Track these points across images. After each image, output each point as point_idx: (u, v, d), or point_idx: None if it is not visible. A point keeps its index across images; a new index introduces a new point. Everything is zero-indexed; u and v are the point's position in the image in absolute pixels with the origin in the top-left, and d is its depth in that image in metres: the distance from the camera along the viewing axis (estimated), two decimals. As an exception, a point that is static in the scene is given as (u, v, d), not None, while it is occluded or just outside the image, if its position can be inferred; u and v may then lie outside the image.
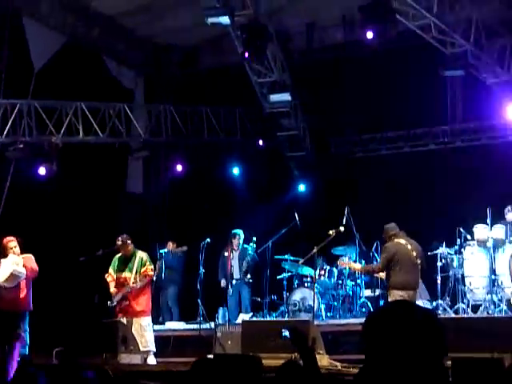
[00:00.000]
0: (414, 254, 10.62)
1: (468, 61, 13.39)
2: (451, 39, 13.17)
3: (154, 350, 11.77)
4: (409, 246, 10.64)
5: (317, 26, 15.98)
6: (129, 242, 12.00)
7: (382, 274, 11.15)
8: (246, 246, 14.25)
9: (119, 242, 11.96)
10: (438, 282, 12.41)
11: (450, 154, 15.48)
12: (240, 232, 14.36)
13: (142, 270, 11.86)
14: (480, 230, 12.32)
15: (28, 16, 14.94)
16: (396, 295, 10.34)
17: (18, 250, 11.34)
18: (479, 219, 12.37)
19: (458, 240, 12.39)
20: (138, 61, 17.31)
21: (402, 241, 10.68)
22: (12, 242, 11.29)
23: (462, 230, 12.37)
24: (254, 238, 14.10)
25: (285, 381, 4.24)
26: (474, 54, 13.31)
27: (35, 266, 11.34)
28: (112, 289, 11.87)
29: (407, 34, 13.57)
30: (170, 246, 15.07)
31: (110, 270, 12.03)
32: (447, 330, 2.56)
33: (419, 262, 10.62)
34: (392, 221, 11.00)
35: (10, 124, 14.36)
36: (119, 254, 12.07)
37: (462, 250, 12.36)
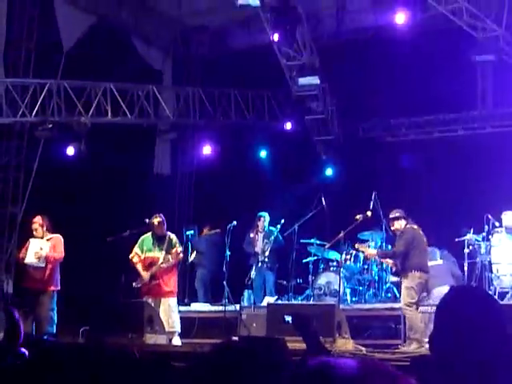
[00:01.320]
0: (425, 239, 10.97)
1: (499, 46, 13.25)
2: (483, 24, 13.03)
3: (179, 330, 11.83)
4: (421, 231, 10.92)
5: (347, 8, 15.88)
6: (164, 221, 12.08)
7: (390, 261, 11.33)
8: (271, 228, 14.23)
9: (157, 219, 11.95)
10: (465, 268, 12.36)
11: (480, 140, 15.33)
12: (265, 214, 14.34)
13: (173, 250, 11.92)
14: (508, 217, 12.22)
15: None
16: (415, 277, 10.64)
17: (40, 231, 11.52)
18: (508, 206, 12.27)
19: (486, 227, 12.31)
20: (166, 42, 17.31)
21: (415, 226, 10.94)
22: (34, 224, 11.52)
23: (490, 216, 12.28)
24: (282, 221, 14.05)
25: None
26: (505, 39, 13.16)
27: (60, 250, 11.50)
28: (141, 270, 11.90)
29: (438, 17, 13.44)
30: (204, 231, 15.11)
31: (137, 250, 12.02)
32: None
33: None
34: (420, 207, 11.00)
35: (39, 104, 14.42)
36: (148, 235, 12.08)
37: (490, 236, 12.26)
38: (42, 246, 11.42)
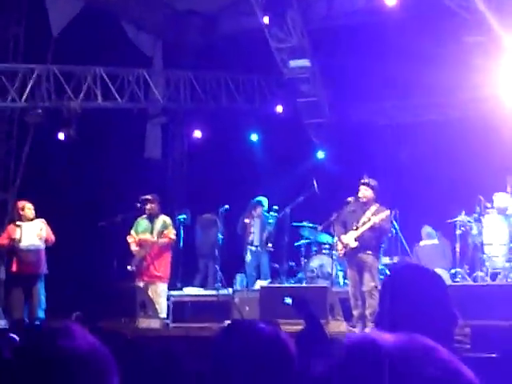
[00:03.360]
0: None
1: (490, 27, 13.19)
2: (473, 5, 12.98)
3: (165, 316, 11.89)
4: None
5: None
6: (159, 201, 12.13)
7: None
8: (266, 214, 14.24)
9: (149, 198, 12.03)
10: (457, 249, 12.38)
11: (471, 122, 15.32)
12: (264, 200, 14.34)
13: (165, 232, 11.96)
14: (500, 198, 12.23)
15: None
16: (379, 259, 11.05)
17: (33, 212, 11.54)
18: (499, 187, 12.28)
19: (478, 208, 12.32)
20: (156, 26, 17.22)
21: None
22: (28, 204, 11.51)
23: (481, 197, 12.29)
24: (276, 207, 14.08)
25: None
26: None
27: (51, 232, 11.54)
28: (134, 248, 11.97)
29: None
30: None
31: (132, 231, 12.16)
32: (466, 298, 2.59)
33: None
34: (412, 189, 10.97)
35: (28, 89, 14.35)
36: (142, 217, 12.16)
37: (482, 217, 12.28)
38: (41, 227, 11.43)
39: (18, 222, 11.55)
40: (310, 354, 3.72)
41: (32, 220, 11.56)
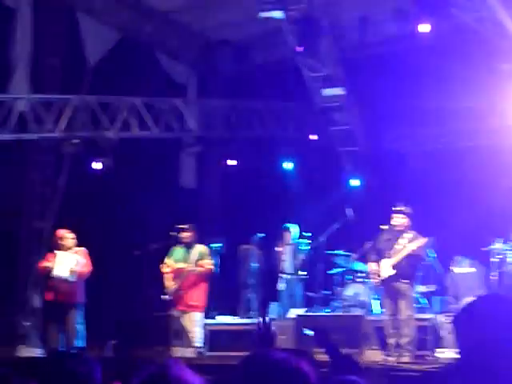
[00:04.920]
0: None
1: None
2: (506, 32, 12.94)
3: (202, 345, 11.89)
4: None
5: (370, 19, 15.85)
6: (195, 230, 12.17)
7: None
8: (299, 240, 14.21)
9: (185, 227, 12.09)
10: (494, 278, 12.25)
11: (503, 149, 15.21)
12: (293, 226, 14.33)
13: (201, 262, 11.98)
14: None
15: (82, 11, 15.14)
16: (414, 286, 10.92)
17: (75, 242, 11.59)
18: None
19: (514, 236, 12.21)
20: (190, 56, 17.39)
21: None
22: (68, 234, 11.57)
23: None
24: (308, 234, 14.07)
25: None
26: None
27: (89, 263, 11.56)
28: (168, 282, 11.98)
29: (462, 26, 13.37)
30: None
31: (167, 260, 12.17)
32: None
33: None
34: (447, 216, 10.90)
35: (65, 119, 14.52)
36: (178, 246, 12.20)
37: (517, 245, 12.17)
38: (77, 260, 11.44)
39: (56, 251, 11.62)
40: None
41: (72, 248, 11.60)
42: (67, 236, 11.64)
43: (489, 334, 2.36)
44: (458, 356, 2.50)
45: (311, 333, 4.80)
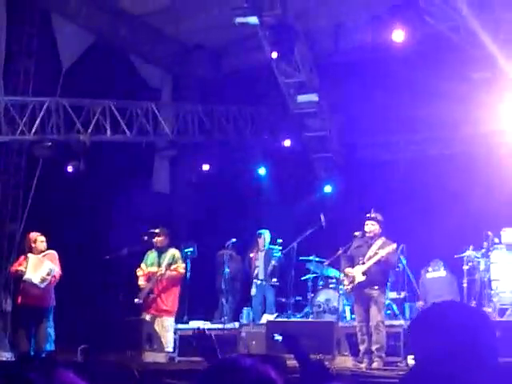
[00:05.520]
0: None
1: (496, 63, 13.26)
2: (480, 41, 13.05)
3: (172, 350, 11.86)
4: None
5: (344, 26, 15.93)
6: (167, 234, 12.14)
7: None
8: (272, 247, 14.23)
9: (157, 231, 12.06)
10: (465, 285, 12.34)
11: (478, 157, 15.33)
12: (265, 232, 14.34)
13: (173, 266, 11.96)
14: (508, 234, 12.21)
15: (56, 13, 15.07)
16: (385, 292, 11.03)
17: (45, 245, 11.51)
18: (508, 222, 12.26)
19: (485, 243, 12.29)
20: (165, 60, 17.36)
21: None
22: (40, 237, 11.50)
23: (489, 233, 12.27)
24: (280, 240, 14.10)
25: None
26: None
27: (58, 267, 11.49)
28: (141, 282, 11.97)
29: (436, 35, 13.47)
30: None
31: (142, 265, 12.16)
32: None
33: None
34: (419, 224, 10.94)
35: (38, 122, 14.44)
36: (152, 250, 12.17)
37: (490, 253, 12.25)
38: (50, 269, 11.31)
39: (28, 254, 11.53)
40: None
41: (43, 252, 11.53)
42: (39, 239, 11.57)
43: (441, 341, 2.37)
44: (414, 363, 2.51)
45: (280, 338, 4.80)
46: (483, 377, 2.34)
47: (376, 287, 10.47)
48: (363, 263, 10.56)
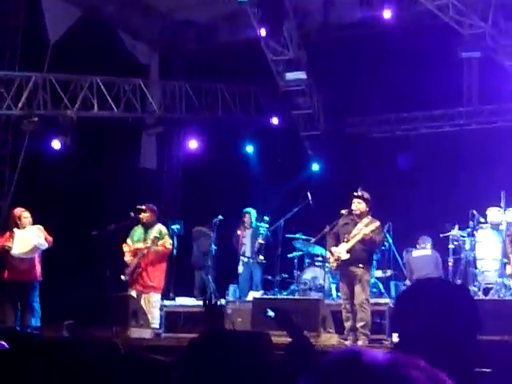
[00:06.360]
0: None
1: (486, 43, 13.29)
2: (469, 20, 13.06)
3: (158, 327, 11.88)
4: None
5: (334, 3, 15.87)
6: (154, 211, 12.13)
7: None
8: (258, 224, 14.25)
9: (144, 208, 12.04)
10: (450, 264, 12.40)
11: (465, 136, 15.38)
12: (251, 210, 14.35)
13: (160, 242, 11.94)
14: (493, 213, 12.26)
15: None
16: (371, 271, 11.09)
17: (31, 220, 11.49)
18: (493, 202, 12.31)
19: (471, 222, 12.35)
20: (153, 36, 17.26)
21: None
22: (25, 213, 11.46)
23: (475, 212, 12.32)
24: (267, 218, 14.11)
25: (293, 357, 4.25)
26: (491, 35, 13.20)
27: (50, 237, 11.50)
28: (127, 258, 11.97)
29: (425, 13, 13.45)
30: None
31: (128, 240, 12.15)
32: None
33: None
34: (406, 202, 10.97)
35: (24, 97, 14.36)
36: (138, 226, 12.16)
37: (475, 232, 12.31)
38: (40, 235, 11.35)
39: (14, 229, 11.51)
40: (298, 367, 3.74)
41: (18, 227, 11.51)
42: (24, 215, 11.55)
43: (424, 318, 2.38)
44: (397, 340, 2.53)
45: (272, 313, 4.79)
46: (464, 352, 2.36)
47: (360, 265, 10.48)
48: (348, 241, 10.57)
